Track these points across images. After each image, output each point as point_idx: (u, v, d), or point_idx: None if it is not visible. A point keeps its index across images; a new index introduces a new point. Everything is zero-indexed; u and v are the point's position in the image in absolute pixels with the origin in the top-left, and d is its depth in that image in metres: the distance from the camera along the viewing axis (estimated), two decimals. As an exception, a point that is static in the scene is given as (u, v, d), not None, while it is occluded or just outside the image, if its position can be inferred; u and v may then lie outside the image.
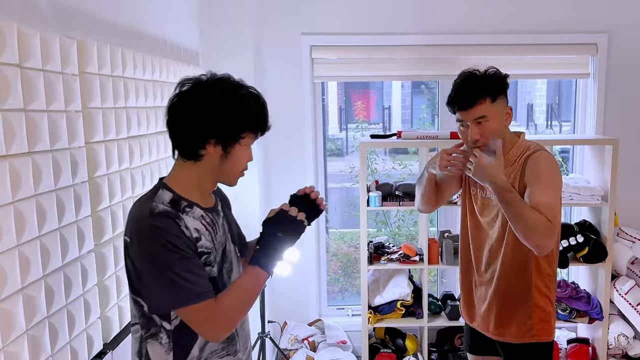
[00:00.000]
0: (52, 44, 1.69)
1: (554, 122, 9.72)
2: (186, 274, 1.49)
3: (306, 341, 4.14)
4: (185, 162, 1.62)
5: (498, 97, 2.19)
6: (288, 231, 1.66)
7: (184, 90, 1.59)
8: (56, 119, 1.71)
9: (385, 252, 3.89)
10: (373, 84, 8.40)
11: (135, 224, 1.55)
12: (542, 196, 2.11)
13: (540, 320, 2.32)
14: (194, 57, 3.41)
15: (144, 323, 1.61)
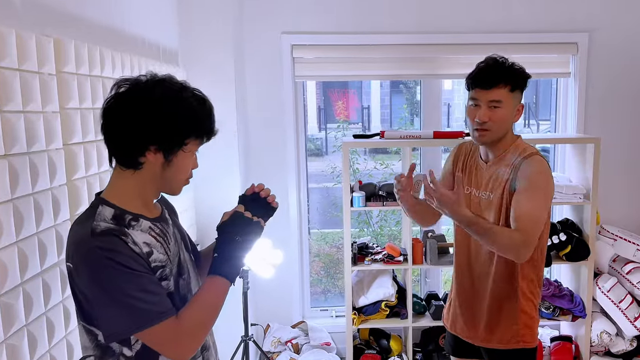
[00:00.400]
0: (28, 42, 1.64)
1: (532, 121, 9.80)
2: (141, 294, 1.36)
3: (289, 343, 4.10)
4: (124, 171, 1.47)
5: (516, 90, 2.19)
6: (246, 234, 1.56)
7: (121, 92, 1.44)
8: (33, 120, 1.66)
9: (369, 253, 3.86)
10: (352, 84, 8.38)
11: (76, 248, 1.38)
12: (526, 206, 2.12)
13: (525, 326, 2.32)
14: (173, 56, 3.35)
15: (99, 355, 1.45)
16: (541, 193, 2.17)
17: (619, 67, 4.05)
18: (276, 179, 4.02)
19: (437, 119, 4.24)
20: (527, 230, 2.09)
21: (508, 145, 2.27)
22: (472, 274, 2.39)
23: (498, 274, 2.29)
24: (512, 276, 2.27)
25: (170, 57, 3.28)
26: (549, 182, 2.22)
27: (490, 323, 2.35)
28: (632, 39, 4.03)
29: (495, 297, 2.32)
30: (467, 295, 2.43)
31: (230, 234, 1.55)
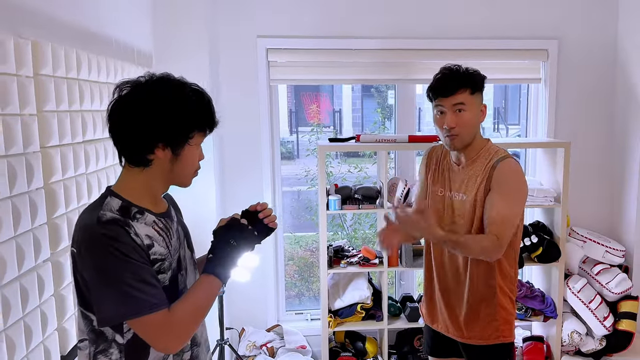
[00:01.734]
0: (6, 44, 1.62)
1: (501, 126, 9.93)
2: (138, 284, 1.41)
3: (265, 347, 4.09)
4: (134, 168, 1.53)
5: (476, 92, 2.28)
6: (241, 239, 1.63)
7: (124, 95, 1.49)
8: (11, 123, 1.64)
9: (345, 256, 3.88)
10: (324, 87, 8.41)
11: (82, 233, 1.45)
12: (499, 208, 2.19)
13: (504, 322, 2.38)
14: (147, 59, 3.34)
15: (93, 338, 1.50)
16: (515, 196, 2.25)
17: (587, 73, 4.14)
18: (251, 182, 4.02)
19: (411, 123, 4.28)
20: (500, 232, 2.16)
21: (479, 148, 2.35)
22: (452, 270, 2.44)
23: (476, 271, 2.35)
24: (490, 273, 2.34)
25: (145, 60, 3.26)
26: (523, 185, 2.31)
27: (470, 319, 2.41)
28: (600, 45, 4.13)
29: (474, 294, 2.37)
30: (448, 291, 2.47)
31: (226, 237, 1.61)
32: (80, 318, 1.53)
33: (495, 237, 2.15)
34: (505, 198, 2.22)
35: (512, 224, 2.22)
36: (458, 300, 2.44)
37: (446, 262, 2.46)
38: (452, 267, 2.44)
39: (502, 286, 2.37)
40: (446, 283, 2.48)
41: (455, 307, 2.45)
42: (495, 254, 2.19)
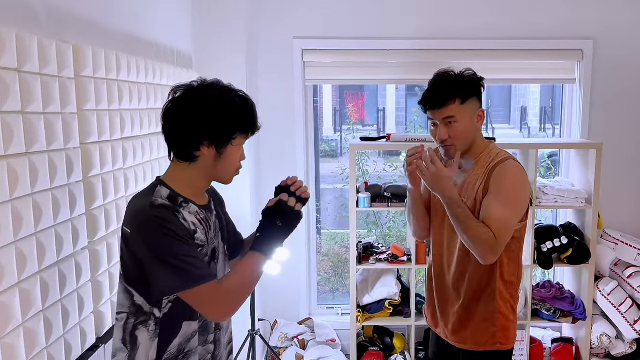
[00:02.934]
0: (48, 49, 1.77)
1: (548, 125, 9.81)
2: (189, 259, 1.59)
3: (296, 339, 4.21)
4: (181, 163, 1.71)
5: (469, 99, 2.18)
6: (287, 221, 1.78)
7: (177, 97, 1.68)
8: (52, 121, 1.79)
9: (374, 252, 3.96)
10: (368, 86, 8.47)
11: (135, 216, 1.64)
12: (497, 211, 2.11)
13: (502, 328, 2.29)
14: (187, 60, 3.48)
15: (133, 311, 1.68)
16: (513, 200, 2.16)
17: (623, 73, 4.12)
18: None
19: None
20: (497, 233, 2.09)
21: (480, 151, 2.26)
22: (450, 273, 2.34)
23: (475, 274, 2.26)
24: (490, 277, 2.25)
25: (184, 61, 3.41)
26: (523, 188, 2.21)
27: (466, 323, 2.32)
28: (636, 45, 4.10)
29: (472, 298, 2.29)
30: (445, 294, 2.38)
31: (273, 219, 1.77)
32: (123, 292, 1.71)
33: (494, 236, 2.08)
34: (503, 200, 2.13)
35: (509, 228, 2.14)
36: (454, 304, 2.34)
37: (445, 264, 2.37)
38: (450, 269, 2.34)
39: (503, 291, 2.27)
40: (443, 285, 2.39)
41: (452, 311, 2.36)
42: (488, 253, 2.10)
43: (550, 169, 5.37)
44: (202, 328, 1.77)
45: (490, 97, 13.36)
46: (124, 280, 1.70)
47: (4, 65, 1.53)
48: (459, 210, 2.12)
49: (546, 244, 3.80)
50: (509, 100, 14.06)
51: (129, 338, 1.69)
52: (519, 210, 2.19)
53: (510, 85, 12.82)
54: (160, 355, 1.69)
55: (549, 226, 3.93)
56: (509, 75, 4.27)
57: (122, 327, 1.70)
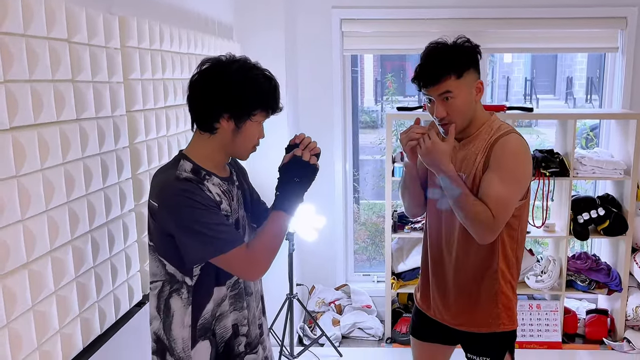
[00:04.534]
0: (96, 20, 1.86)
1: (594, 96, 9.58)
2: (217, 226, 1.66)
3: (333, 304, 4.33)
4: (202, 135, 1.74)
5: (465, 72, 2.02)
6: (303, 175, 1.82)
7: (204, 69, 1.72)
8: (100, 90, 1.89)
9: (409, 222, 4.02)
10: (409, 56, 8.40)
11: (162, 189, 1.69)
12: (496, 188, 2.00)
13: (505, 308, 2.19)
14: (228, 31, 3.56)
15: (167, 280, 1.74)
16: (514, 176, 2.04)
17: (668, 43, 4.03)
18: (324, 151, 4.18)
19: (489, 92, 4.32)
20: (495, 213, 1.99)
21: (480, 124, 2.11)
22: (450, 254, 2.21)
23: (476, 254, 2.15)
24: (492, 257, 2.14)
25: (225, 32, 3.48)
26: (523, 164, 2.08)
27: (468, 305, 2.21)
28: (684, 14, 3.99)
29: (473, 279, 2.18)
30: (443, 276, 2.25)
31: (290, 175, 1.81)
32: (154, 262, 1.77)
33: (492, 214, 1.98)
34: (503, 177, 2.01)
35: (509, 206, 2.04)
36: (454, 285, 2.22)
37: (443, 244, 2.24)
38: (451, 249, 2.20)
39: (504, 270, 2.16)
40: (442, 265, 2.25)
41: (451, 292, 2.23)
42: (486, 231, 2.01)
43: (592, 140, 5.30)
44: (233, 294, 1.83)
45: (534, 66, 13.09)
46: (155, 251, 1.75)
47: (54, 36, 1.63)
48: (455, 186, 2.03)
49: (583, 215, 3.79)
50: (554, 70, 13.74)
51: (162, 306, 1.75)
52: (520, 188, 2.07)
53: (556, 55, 12.49)
54: (196, 322, 1.75)
55: (586, 197, 3.92)
56: (550, 44, 4.22)
57: (157, 295, 1.77)
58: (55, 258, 1.64)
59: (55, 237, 1.63)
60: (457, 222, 2.14)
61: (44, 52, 1.58)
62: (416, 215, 2.45)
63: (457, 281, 2.21)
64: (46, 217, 1.59)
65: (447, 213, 2.19)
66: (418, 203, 2.34)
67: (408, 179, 2.28)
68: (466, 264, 2.18)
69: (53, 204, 1.62)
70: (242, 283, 1.87)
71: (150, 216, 1.73)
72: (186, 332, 1.74)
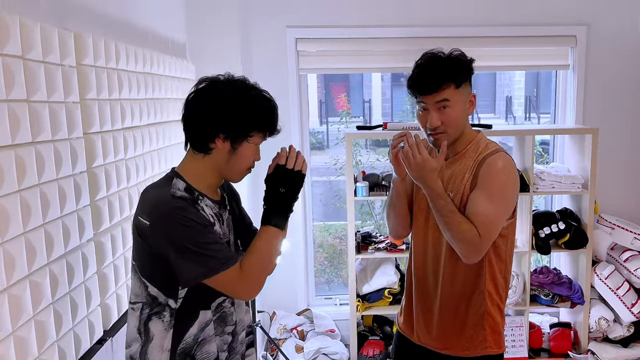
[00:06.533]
0: (51, 36, 1.72)
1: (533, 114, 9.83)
2: (212, 246, 1.60)
3: (295, 330, 4.20)
4: (196, 154, 1.70)
5: (462, 83, 2.00)
6: (289, 185, 1.76)
7: (201, 87, 1.68)
8: (56, 110, 1.74)
9: (373, 242, 3.95)
10: (353, 77, 8.39)
11: (156, 207, 1.61)
12: (483, 207, 1.95)
13: (492, 331, 2.11)
14: (181, 49, 3.44)
15: (149, 301, 1.67)
16: (502, 196, 1.99)
17: (616, 59, 4.13)
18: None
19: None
20: (482, 233, 1.93)
21: (468, 141, 2.08)
22: (435, 275, 2.13)
23: (463, 275, 2.08)
24: (479, 278, 2.08)
25: (179, 51, 3.36)
26: (513, 184, 2.04)
27: (454, 328, 2.13)
28: (630, 31, 4.12)
29: (460, 301, 2.11)
30: (428, 297, 2.17)
31: (275, 186, 1.76)
32: (137, 282, 1.69)
33: (478, 233, 1.92)
34: (490, 196, 1.96)
35: (496, 225, 1.98)
36: (439, 307, 2.14)
37: (429, 265, 2.15)
38: (436, 270, 2.13)
39: (492, 292, 2.09)
40: (427, 286, 2.17)
41: (436, 314, 2.15)
42: (472, 251, 1.95)
43: (542, 155, 5.39)
44: (219, 319, 1.76)
45: (474, 86, 13.39)
46: (138, 272, 1.69)
47: (8, 52, 1.49)
48: (443, 204, 1.96)
49: (544, 230, 3.82)
50: (494, 89, 14.07)
51: (143, 328, 1.68)
52: (507, 207, 2.01)
53: (495, 74, 12.79)
54: (176, 346, 1.68)
55: (546, 212, 3.95)
56: (502, 62, 4.28)
57: (138, 316, 1.70)
58: (12, 296, 1.48)
59: (11, 273, 1.48)
60: (444, 243, 2.08)
61: (-4, 69, 1.44)
62: (401, 237, 2.35)
63: (443, 303, 2.13)
64: (2, 251, 1.44)
65: (433, 233, 2.12)
66: (405, 223, 2.25)
67: (395, 195, 2.20)
68: (453, 286, 2.10)
69: (9, 236, 1.47)
70: (225, 307, 1.78)
71: (138, 234, 1.64)
72: (164, 356, 1.68)
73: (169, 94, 2.89)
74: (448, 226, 1.96)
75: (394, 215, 2.24)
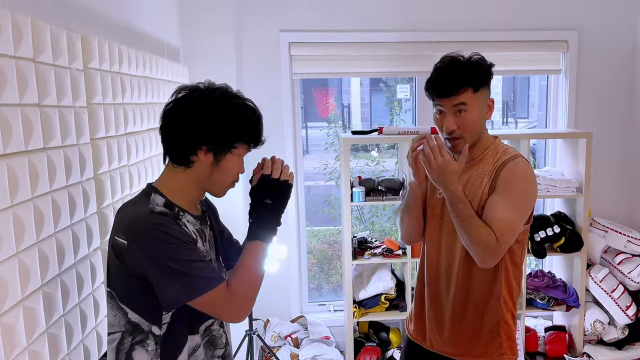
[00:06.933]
0: (60, 38, 1.67)
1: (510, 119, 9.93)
2: (196, 264, 1.48)
3: (289, 338, 4.14)
4: (176, 168, 1.58)
5: (481, 88, 1.98)
6: (275, 196, 1.65)
7: (180, 97, 1.57)
8: (66, 115, 1.69)
9: (369, 247, 3.92)
10: (332, 82, 8.40)
11: (132, 224, 1.48)
12: (502, 211, 1.92)
13: (507, 338, 2.10)
14: (175, 53, 3.38)
15: (129, 330, 1.53)
16: (521, 201, 1.98)
17: (607, 64, 4.16)
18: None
19: (431, 115, 4.30)
20: (500, 237, 1.90)
21: (486, 146, 2.07)
22: (450, 281, 2.12)
23: (479, 281, 2.06)
24: (494, 284, 2.05)
25: (173, 55, 3.31)
26: (532, 190, 2.03)
27: (470, 334, 2.11)
28: (620, 36, 4.15)
29: (476, 307, 2.08)
30: (441, 303, 2.15)
31: (260, 198, 1.64)
32: (114, 310, 1.54)
33: (496, 237, 1.89)
34: (510, 201, 1.94)
35: (514, 231, 1.95)
36: (454, 313, 2.11)
37: (442, 271, 2.13)
38: (450, 276, 2.11)
39: (506, 298, 2.07)
40: (440, 293, 2.15)
41: (450, 321, 2.13)
42: (488, 255, 1.92)
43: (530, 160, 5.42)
44: (208, 342, 1.67)
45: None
46: (116, 298, 1.53)
47: (21, 54, 1.43)
48: (462, 207, 1.94)
49: (539, 234, 3.82)
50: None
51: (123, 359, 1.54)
52: (525, 212, 2.00)
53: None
54: None
55: (541, 215, 3.96)
56: (496, 67, 4.26)
57: (116, 348, 1.54)
58: (27, 307, 1.42)
59: (26, 284, 1.42)
60: (458, 248, 2.05)
61: (12, 73, 1.38)
62: (414, 242, 2.32)
63: (458, 309, 2.10)
64: (17, 262, 1.38)
65: (447, 239, 2.10)
66: (419, 228, 2.22)
67: (412, 199, 2.16)
68: (468, 291, 2.08)
69: (24, 245, 1.41)
70: (214, 330, 1.69)
71: (115, 256, 1.50)
72: None
73: (164, 98, 2.83)
74: (466, 230, 1.93)
75: (408, 220, 2.20)
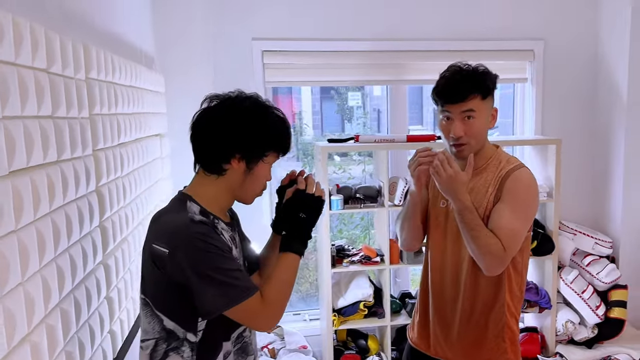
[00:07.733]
0: (66, 48, 1.63)
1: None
2: (234, 273, 1.52)
3: (266, 349, 4.12)
4: (208, 176, 1.63)
5: (488, 96, 2.03)
6: (309, 210, 1.70)
7: (213, 106, 1.61)
8: (73, 126, 1.65)
9: (346, 255, 3.94)
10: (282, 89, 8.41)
11: (175, 233, 1.52)
12: (508, 221, 1.97)
13: (511, 343, 2.15)
14: (150, 60, 3.32)
15: (164, 336, 1.57)
16: (526, 210, 2.03)
17: (572, 72, 4.32)
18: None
19: (403, 123, 4.37)
20: (506, 245, 1.95)
21: (489, 155, 2.11)
22: (455, 288, 2.15)
23: (485, 288, 2.10)
24: (499, 289, 2.09)
25: (148, 62, 3.24)
26: (535, 197, 2.10)
27: (475, 340, 2.15)
28: (583, 45, 4.30)
29: (481, 314, 2.12)
30: (447, 311, 2.19)
31: (294, 212, 1.70)
32: (149, 317, 1.57)
33: (503, 246, 1.94)
34: (515, 211, 1.98)
35: (519, 239, 2.00)
36: (460, 319, 2.15)
37: (447, 279, 2.17)
38: (456, 283, 2.15)
39: (510, 304, 2.11)
40: (445, 300, 2.18)
41: (456, 327, 2.16)
42: (496, 264, 1.97)
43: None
44: (237, 348, 1.69)
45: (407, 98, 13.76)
46: (151, 305, 1.58)
47: (38, 65, 1.39)
48: (471, 217, 1.97)
49: (512, 238, 3.91)
50: (421, 102, 14.44)
51: None
52: (529, 220, 2.07)
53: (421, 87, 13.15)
54: None
55: (513, 220, 4.06)
56: (462, 76, 4.37)
57: (149, 355, 1.58)
58: (49, 325, 1.38)
59: (48, 299, 1.38)
60: (464, 256, 2.10)
61: (31, 84, 1.34)
62: (413, 249, 2.38)
63: (464, 316, 2.14)
64: (40, 278, 1.34)
65: (452, 247, 2.14)
66: (419, 235, 2.27)
67: (412, 208, 2.20)
68: (475, 299, 2.12)
69: (45, 261, 1.37)
70: (245, 337, 1.71)
71: (153, 263, 1.52)
72: None
73: (146, 108, 2.78)
74: (475, 239, 1.96)
75: (408, 227, 2.25)
